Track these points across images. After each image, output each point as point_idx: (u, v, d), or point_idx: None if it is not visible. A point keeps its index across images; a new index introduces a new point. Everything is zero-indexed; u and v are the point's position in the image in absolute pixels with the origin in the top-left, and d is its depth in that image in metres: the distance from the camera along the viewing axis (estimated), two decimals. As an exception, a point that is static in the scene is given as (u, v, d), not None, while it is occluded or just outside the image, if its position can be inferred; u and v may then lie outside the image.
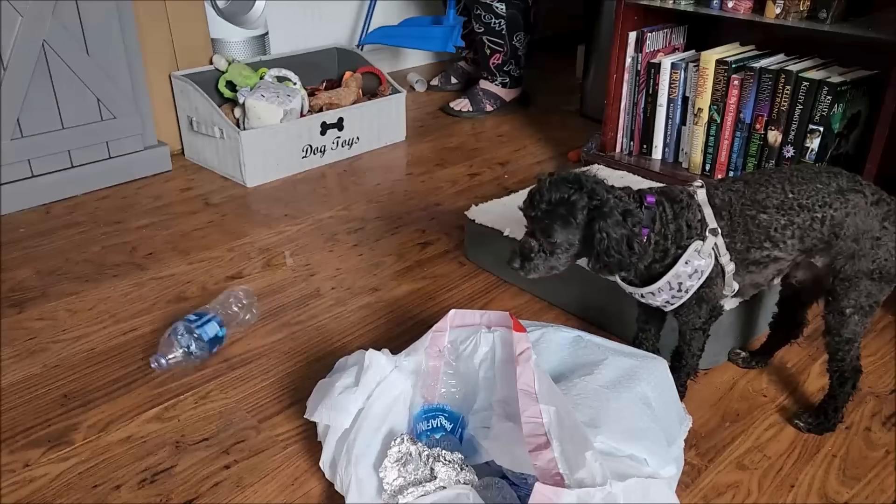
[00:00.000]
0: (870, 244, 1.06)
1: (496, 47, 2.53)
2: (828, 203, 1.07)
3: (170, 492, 1.07)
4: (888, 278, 1.08)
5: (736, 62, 1.74)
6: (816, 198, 1.07)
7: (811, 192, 1.07)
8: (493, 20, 2.48)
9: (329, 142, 2.20)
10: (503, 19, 2.48)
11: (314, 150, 2.17)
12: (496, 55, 2.55)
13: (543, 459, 0.86)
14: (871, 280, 1.07)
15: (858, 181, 1.09)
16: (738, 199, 1.08)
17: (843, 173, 1.10)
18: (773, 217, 1.07)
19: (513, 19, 2.48)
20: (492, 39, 2.52)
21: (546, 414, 0.91)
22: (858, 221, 1.06)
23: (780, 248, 1.08)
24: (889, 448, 1.16)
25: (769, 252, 1.09)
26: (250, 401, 1.25)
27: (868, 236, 1.06)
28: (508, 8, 2.46)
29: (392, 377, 1.06)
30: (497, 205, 1.68)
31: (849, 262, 1.08)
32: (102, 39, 1.90)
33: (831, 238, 1.07)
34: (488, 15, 2.48)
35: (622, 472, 0.89)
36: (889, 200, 1.08)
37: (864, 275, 1.07)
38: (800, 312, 1.27)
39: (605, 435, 0.95)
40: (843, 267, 1.08)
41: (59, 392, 1.26)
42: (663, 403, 1.08)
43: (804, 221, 1.07)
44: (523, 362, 0.98)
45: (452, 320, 1.13)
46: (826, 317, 1.12)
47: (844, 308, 1.10)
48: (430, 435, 1.05)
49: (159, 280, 1.60)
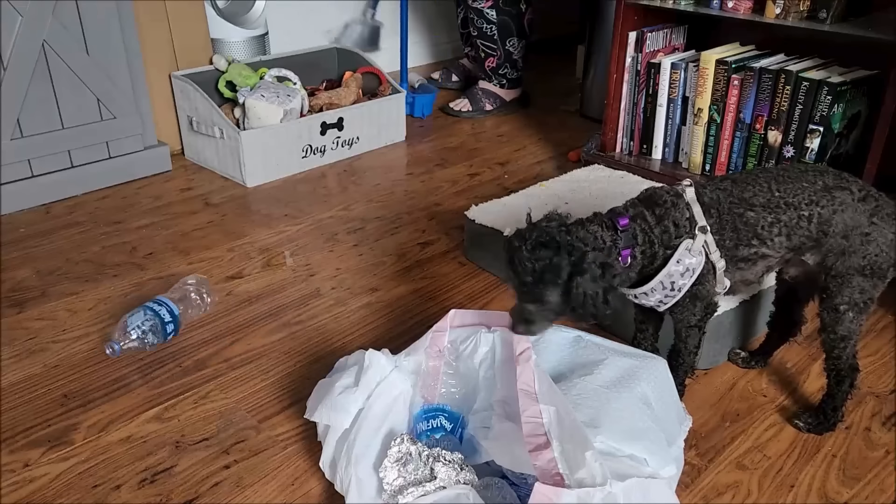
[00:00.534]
0: (859, 240, 1.07)
1: (489, 51, 2.54)
2: (814, 201, 1.07)
3: (170, 492, 1.07)
4: (880, 274, 1.08)
5: (736, 62, 1.74)
6: (803, 196, 1.07)
7: (797, 190, 1.08)
8: (485, 25, 2.49)
9: (329, 142, 2.20)
10: (494, 25, 2.48)
11: (314, 150, 2.17)
12: (490, 59, 2.56)
13: (543, 459, 0.86)
14: (863, 276, 1.08)
15: (845, 178, 1.09)
16: (725, 198, 1.09)
17: (829, 171, 1.10)
18: (759, 215, 1.07)
19: (504, 25, 2.48)
20: (485, 43, 2.53)
21: (546, 414, 0.91)
22: (847, 218, 1.07)
23: (768, 245, 1.08)
24: (889, 448, 1.16)
25: (757, 249, 1.09)
26: (250, 401, 1.25)
27: (857, 233, 1.07)
28: (499, 14, 2.46)
29: (392, 377, 1.06)
30: (497, 205, 1.68)
31: (840, 259, 1.08)
32: (102, 39, 1.90)
33: (820, 236, 1.08)
34: (480, 20, 2.48)
35: (622, 472, 0.89)
36: (877, 196, 1.08)
37: (855, 271, 1.07)
38: (797, 311, 1.27)
39: (605, 435, 0.95)
40: (834, 264, 1.09)
41: (60, 392, 1.26)
42: (663, 403, 1.08)
43: (791, 219, 1.07)
44: (523, 362, 0.98)
45: (452, 320, 1.13)
46: (821, 314, 1.13)
47: (838, 305, 1.10)
48: (430, 435, 1.05)
49: (159, 280, 1.60)
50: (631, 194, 1.78)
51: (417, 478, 0.96)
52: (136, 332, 1.31)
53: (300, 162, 2.15)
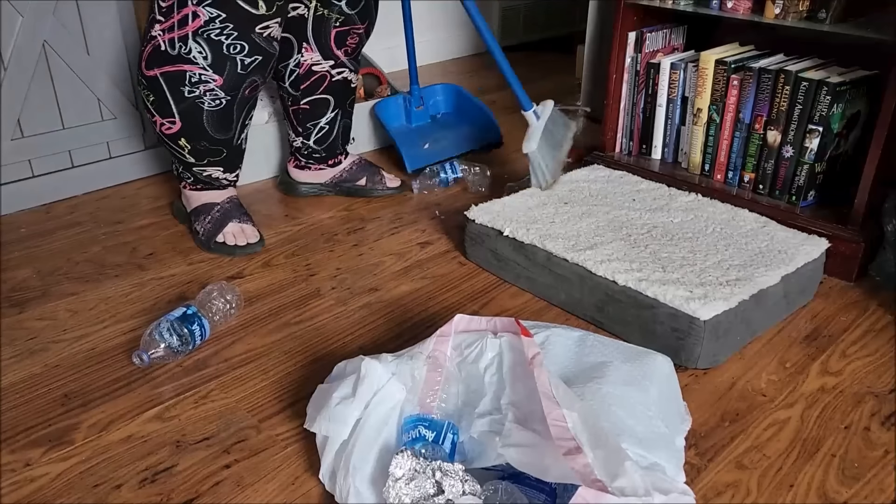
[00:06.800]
0: None
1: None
2: None
3: (170, 491, 1.07)
4: None
5: (735, 62, 1.75)
6: None
7: None
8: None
9: (329, 142, 2.20)
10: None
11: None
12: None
13: (579, 464, 0.86)
14: None
15: None
16: None
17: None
18: None
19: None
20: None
21: (570, 419, 0.90)
22: None
23: None
24: (888, 448, 1.17)
25: None
26: (250, 401, 1.25)
27: None
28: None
29: (389, 387, 1.06)
30: (497, 205, 1.68)
31: None
32: (103, 39, 1.90)
33: None
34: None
35: (660, 486, 0.89)
36: None
37: None
38: None
39: (627, 442, 0.95)
40: None
41: (60, 392, 1.26)
42: (667, 403, 1.08)
43: None
44: (537, 366, 0.98)
45: (457, 325, 1.13)
46: None
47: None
48: (411, 446, 1.03)
49: (160, 280, 1.60)
50: (631, 194, 1.80)
51: (423, 493, 0.94)
52: (164, 342, 1.29)
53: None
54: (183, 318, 1.32)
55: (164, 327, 1.30)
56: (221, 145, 1.65)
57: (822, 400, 1.26)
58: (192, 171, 1.71)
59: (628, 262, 1.42)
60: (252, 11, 1.48)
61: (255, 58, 1.55)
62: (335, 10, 1.71)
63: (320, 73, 1.80)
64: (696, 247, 1.49)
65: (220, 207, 1.74)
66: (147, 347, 1.29)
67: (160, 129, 1.62)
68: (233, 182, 1.79)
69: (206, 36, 1.48)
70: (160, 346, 1.29)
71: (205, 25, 1.48)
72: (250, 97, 1.63)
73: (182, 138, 1.62)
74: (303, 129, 1.89)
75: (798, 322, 1.47)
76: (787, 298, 1.44)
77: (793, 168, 1.69)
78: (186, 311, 1.34)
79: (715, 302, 1.30)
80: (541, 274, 1.52)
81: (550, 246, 1.49)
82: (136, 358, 1.28)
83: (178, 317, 1.32)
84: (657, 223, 1.59)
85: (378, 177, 2.00)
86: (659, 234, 1.55)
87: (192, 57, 1.50)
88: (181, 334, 1.31)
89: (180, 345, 1.31)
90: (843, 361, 1.36)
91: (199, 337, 1.34)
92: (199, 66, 1.51)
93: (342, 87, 1.87)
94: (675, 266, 1.42)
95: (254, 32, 1.51)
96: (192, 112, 1.57)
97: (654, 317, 1.33)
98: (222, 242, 1.70)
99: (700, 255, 1.46)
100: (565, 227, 1.56)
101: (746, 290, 1.34)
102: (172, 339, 1.30)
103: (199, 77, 1.53)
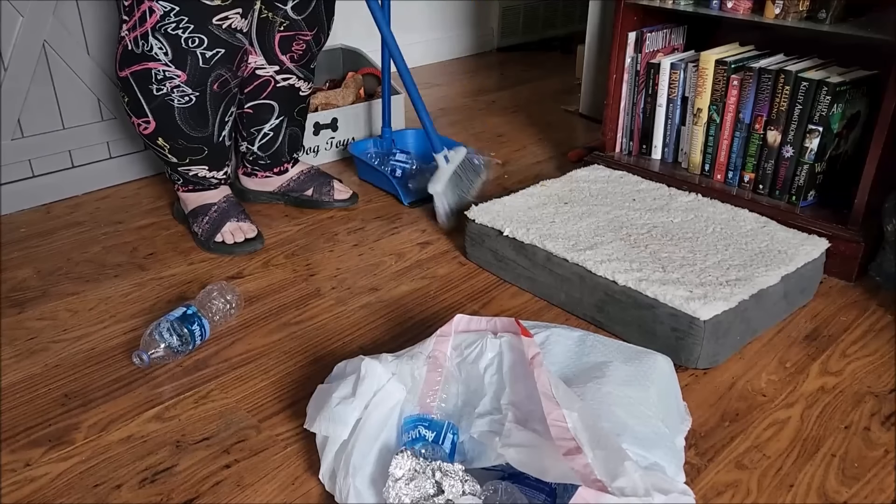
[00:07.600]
0: None
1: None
2: None
3: (170, 491, 1.07)
4: None
5: (735, 62, 1.75)
6: None
7: None
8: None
9: (323, 142, 2.20)
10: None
11: (307, 151, 2.17)
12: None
13: (579, 464, 0.86)
14: None
15: None
16: None
17: None
18: None
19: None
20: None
21: (570, 419, 0.90)
22: None
23: None
24: (888, 448, 1.17)
25: None
26: (250, 401, 1.25)
27: None
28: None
29: (388, 387, 1.06)
30: (497, 205, 1.68)
31: None
32: (103, 39, 1.90)
33: None
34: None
35: (660, 486, 0.89)
36: None
37: None
38: None
39: (627, 442, 0.95)
40: None
41: (60, 392, 1.26)
42: (667, 403, 1.08)
43: None
44: (537, 366, 0.98)
45: (457, 325, 1.13)
46: None
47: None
48: (411, 446, 1.03)
49: (160, 280, 1.60)
50: (631, 194, 1.80)
51: (423, 493, 0.95)
52: (164, 342, 1.29)
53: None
54: (183, 318, 1.33)
55: (164, 327, 1.30)
56: (200, 143, 1.63)
57: (822, 400, 1.26)
58: (178, 172, 1.70)
59: (628, 262, 1.42)
60: (206, 3, 1.45)
61: (217, 51, 1.52)
62: (280, 14, 1.66)
63: (264, 78, 1.75)
64: (696, 247, 1.49)
65: (217, 207, 1.73)
66: (147, 347, 1.29)
67: (138, 130, 1.61)
68: (223, 181, 1.77)
69: (164, 31, 1.46)
70: (160, 346, 1.29)
71: (161, 20, 1.45)
72: (221, 92, 1.60)
73: (159, 137, 1.60)
74: (247, 134, 1.85)
75: (798, 322, 1.47)
76: (787, 298, 1.44)
77: (793, 168, 1.69)
78: (186, 311, 1.34)
79: (715, 302, 1.30)
80: (541, 274, 1.52)
81: (550, 246, 1.49)
82: (136, 358, 1.28)
83: (178, 317, 1.33)
84: (657, 223, 1.60)
85: (327, 188, 1.93)
86: (659, 234, 1.55)
87: (153, 54, 1.48)
88: (181, 334, 1.31)
89: (180, 345, 1.31)
90: (843, 361, 1.36)
91: (199, 337, 1.34)
92: (161, 63, 1.49)
93: (288, 94, 1.80)
94: (675, 266, 1.42)
95: (211, 24, 1.48)
96: (163, 110, 1.56)
97: (654, 317, 1.33)
98: (221, 242, 1.70)
99: (700, 255, 1.46)
100: (565, 227, 1.57)
101: (746, 290, 1.34)
102: (172, 339, 1.30)
103: (164, 74, 1.51)
